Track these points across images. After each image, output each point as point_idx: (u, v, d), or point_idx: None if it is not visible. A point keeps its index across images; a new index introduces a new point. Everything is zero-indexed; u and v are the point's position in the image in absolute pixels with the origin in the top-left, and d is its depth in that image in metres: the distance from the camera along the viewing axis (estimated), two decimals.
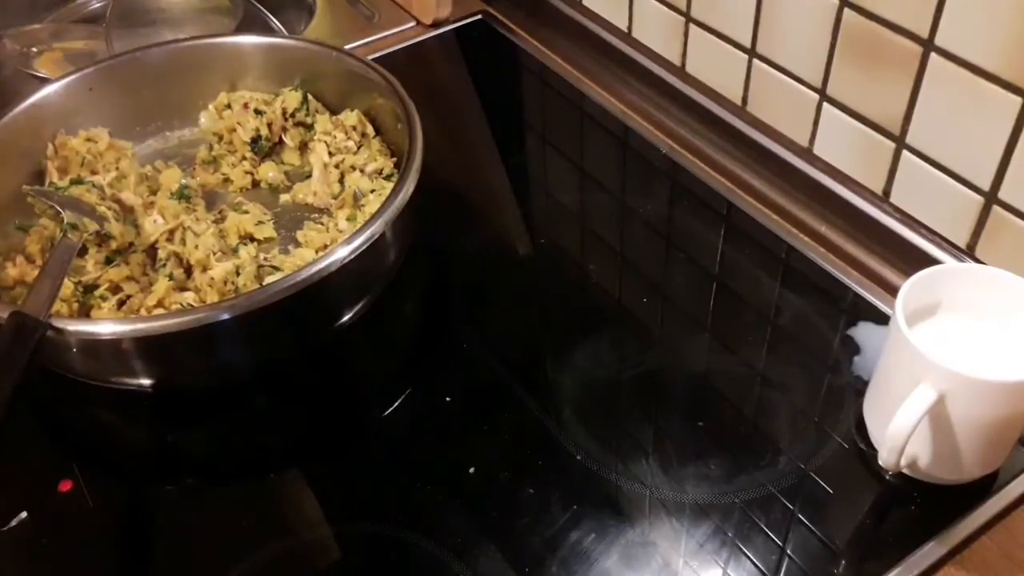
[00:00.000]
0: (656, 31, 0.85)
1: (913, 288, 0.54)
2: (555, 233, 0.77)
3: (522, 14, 1.00)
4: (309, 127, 0.78)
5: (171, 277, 0.67)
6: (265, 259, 0.69)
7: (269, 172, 0.77)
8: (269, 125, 0.78)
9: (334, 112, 0.80)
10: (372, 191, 0.73)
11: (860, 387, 0.61)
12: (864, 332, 0.66)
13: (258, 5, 0.96)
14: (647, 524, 0.56)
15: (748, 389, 0.64)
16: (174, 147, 0.82)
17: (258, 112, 0.78)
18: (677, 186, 0.81)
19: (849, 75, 0.68)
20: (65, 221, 0.65)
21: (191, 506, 0.60)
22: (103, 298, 0.66)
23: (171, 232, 0.71)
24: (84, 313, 0.65)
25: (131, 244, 0.70)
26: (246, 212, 0.73)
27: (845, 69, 0.68)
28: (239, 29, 0.95)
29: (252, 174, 0.77)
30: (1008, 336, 0.55)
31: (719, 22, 0.77)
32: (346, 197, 0.73)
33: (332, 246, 0.64)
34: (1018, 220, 0.61)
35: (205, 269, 0.67)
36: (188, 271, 0.68)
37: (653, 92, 0.87)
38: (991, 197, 0.62)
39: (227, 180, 0.78)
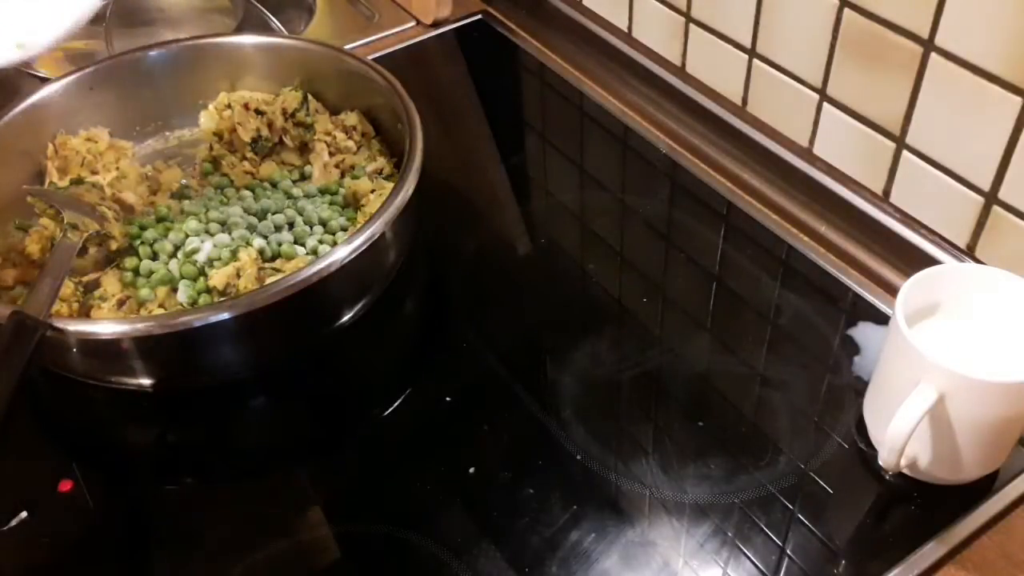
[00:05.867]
0: (656, 31, 0.85)
1: (913, 288, 0.54)
2: (555, 233, 0.77)
3: (522, 14, 1.00)
4: (309, 127, 0.78)
5: None
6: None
7: (269, 172, 0.77)
8: (269, 125, 0.78)
9: (334, 112, 0.80)
10: (372, 191, 0.73)
11: (860, 387, 0.61)
12: (864, 332, 0.66)
13: (258, 5, 0.96)
14: (647, 524, 0.56)
15: (748, 389, 0.64)
16: (174, 147, 0.82)
17: (258, 112, 0.78)
18: (677, 186, 0.81)
19: (849, 75, 0.68)
20: (65, 221, 0.65)
21: (191, 506, 0.60)
22: (103, 298, 0.66)
23: None
24: (84, 313, 0.65)
25: (131, 244, 0.70)
26: None
27: (845, 69, 0.68)
28: (239, 29, 0.95)
29: (252, 174, 0.77)
30: (1008, 336, 0.55)
31: (719, 22, 0.77)
32: (346, 197, 0.73)
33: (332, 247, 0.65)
34: (1018, 220, 0.61)
35: None
36: None
37: (653, 92, 0.87)
38: (991, 197, 0.62)
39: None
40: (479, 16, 1.01)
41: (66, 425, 0.66)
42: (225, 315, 0.58)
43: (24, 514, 0.58)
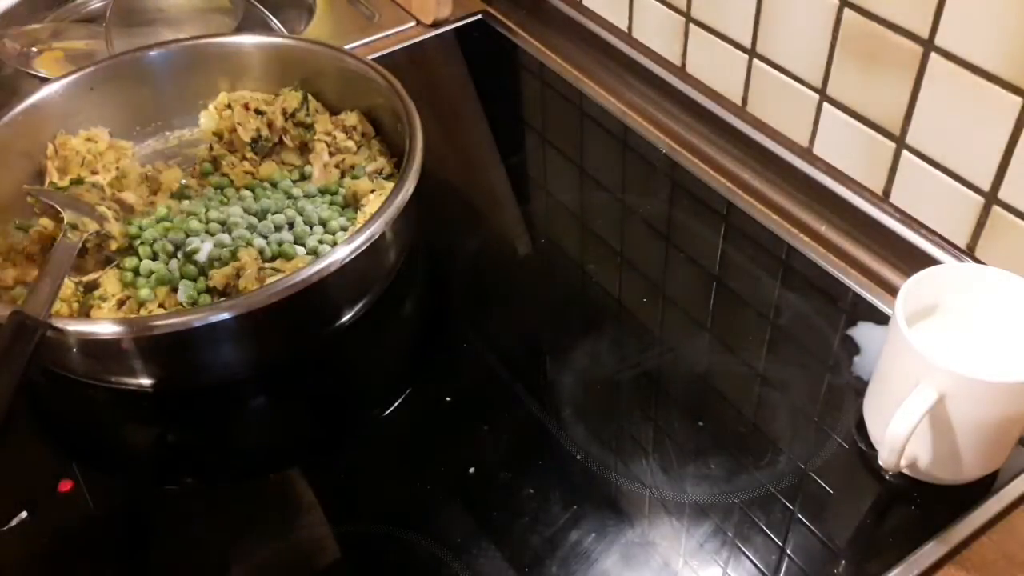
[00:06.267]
0: (656, 31, 0.85)
1: (913, 288, 0.54)
2: (555, 233, 0.77)
3: (522, 14, 1.00)
4: (309, 127, 0.78)
5: None
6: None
7: (269, 172, 0.77)
8: (269, 125, 0.78)
9: (334, 112, 0.80)
10: (372, 191, 0.73)
11: (860, 387, 0.61)
12: (864, 332, 0.66)
13: (258, 5, 0.96)
14: (647, 524, 0.56)
15: (748, 389, 0.64)
16: (174, 147, 0.82)
17: (258, 112, 0.78)
18: (677, 186, 0.81)
19: (849, 75, 0.68)
20: (65, 221, 0.65)
21: (191, 506, 0.60)
22: (103, 298, 0.66)
23: None
24: (84, 313, 0.65)
25: (131, 244, 0.70)
26: None
27: (845, 69, 0.68)
28: (239, 29, 0.95)
29: (252, 174, 0.77)
30: (1008, 336, 0.55)
31: (719, 22, 0.77)
32: (346, 197, 0.73)
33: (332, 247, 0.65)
34: (1018, 220, 0.61)
35: None
36: None
37: (653, 92, 0.87)
38: (991, 197, 0.62)
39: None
40: (479, 16, 1.01)
41: (66, 425, 0.66)
42: (225, 315, 0.58)
43: (24, 514, 0.58)
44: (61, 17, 1.02)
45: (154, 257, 0.68)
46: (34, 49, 0.94)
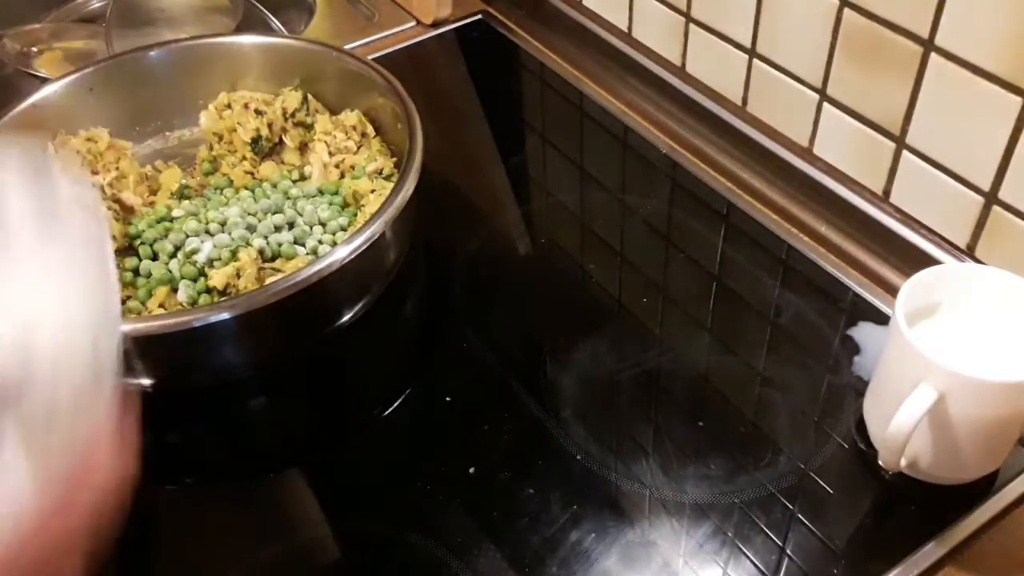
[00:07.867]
0: (656, 31, 0.85)
1: (913, 288, 0.54)
2: (555, 233, 0.78)
3: (522, 14, 1.00)
4: (309, 127, 0.78)
5: None
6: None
7: (269, 172, 0.77)
8: (269, 125, 0.78)
9: (334, 112, 0.80)
10: (372, 191, 0.73)
11: (860, 387, 0.61)
12: (864, 332, 0.66)
13: (258, 5, 0.96)
14: (647, 524, 0.56)
15: (748, 389, 0.64)
16: (174, 147, 0.82)
17: (258, 112, 0.78)
18: (677, 186, 0.81)
19: (849, 75, 0.68)
20: None
21: (191, 506, 0.60)
22: None
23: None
24: None
25: (131, 244, 0.70)
26: None
27: (845, 69, 0.68)
28: (239, 29, 0.95)
29: (252, 174, 0.77)
30: (1008, 336, 0.55)
31: (719, 22, 0.77)
32: (346, 197, 0.73)
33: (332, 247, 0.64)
34: (1018, 220, 0.61)
35: None
36: None
37: (653, 92, 0.87)
38: (991, 197, 0.62)
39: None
40: (479, 16, 1.01)
41: None
42: (225, 315, 0.58)
43: None
44: (61, 17, 1.02)
45: (154, 257, 0.68)
46: (34, 49, 0.94)
